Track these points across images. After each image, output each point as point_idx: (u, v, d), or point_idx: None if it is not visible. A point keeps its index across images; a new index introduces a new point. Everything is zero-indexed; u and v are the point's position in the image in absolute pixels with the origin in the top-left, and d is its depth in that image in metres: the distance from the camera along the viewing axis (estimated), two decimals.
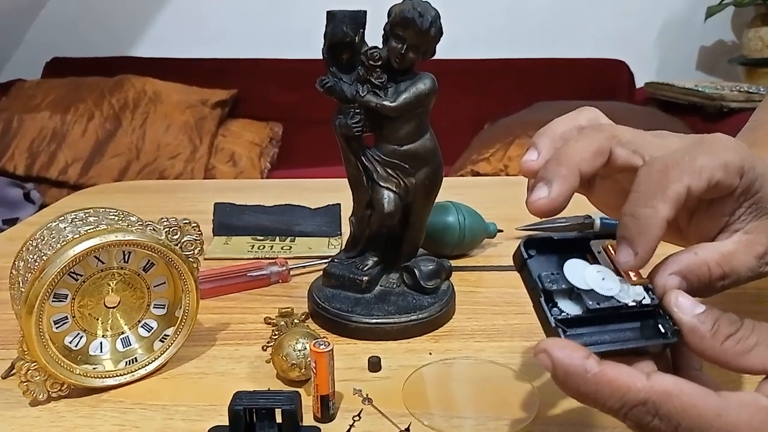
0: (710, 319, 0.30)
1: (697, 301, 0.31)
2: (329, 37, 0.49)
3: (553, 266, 0.33)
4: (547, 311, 0.32)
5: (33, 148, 2.00)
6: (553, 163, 0.34)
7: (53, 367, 0.43)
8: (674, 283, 0.33)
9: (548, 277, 0.32)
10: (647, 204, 0.32)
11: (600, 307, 0.32)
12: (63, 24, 2.55)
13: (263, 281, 0.62)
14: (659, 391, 0.28)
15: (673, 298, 0.32)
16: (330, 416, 0.42)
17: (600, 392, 0.29)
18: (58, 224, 0.46)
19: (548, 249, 0.34)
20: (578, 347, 0.29)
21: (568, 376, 0.29)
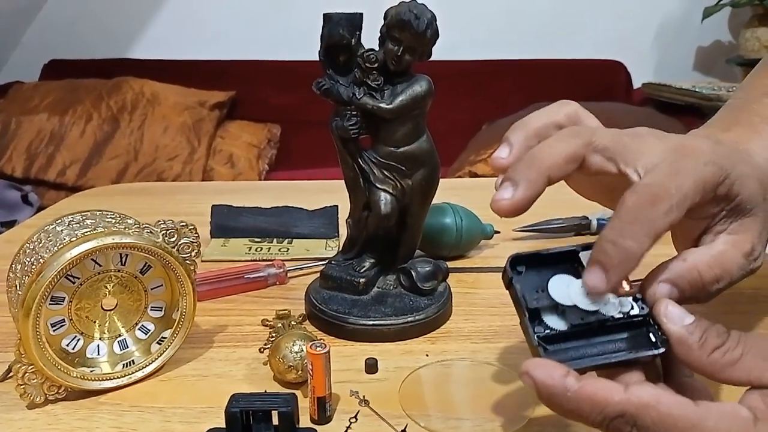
0: (699, 330, 0.31)
1: (686, 311, 0.32)
2: (326, 39, 0.49)
3: (542, 282, 0.33)
4: (530, 329, 0.32)
5: (31, 150, 2.00)
6: (522, 165, 0.35)
7: (50, 370, 0.43)
8: (665, 291, 0.34)
9: (533, 295, 0.33)
10: (632, 237, 0.32)
11: (583, 322, 0.32)
12: (61, 26, 2.55)
13: (260, 283, 0.62)
14: (636, 403, 0.29)
15: (662, 307, 0.32)
16: (327, 418, 0.42)
17: (581, 408, 0.29)
18: (55, 227, 0.46)
19: (537, 264, 0.34)
20: (557, 366, 0.30)
21: (550, 396, 0.30)
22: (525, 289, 0.33)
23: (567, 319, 0.32)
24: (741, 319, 0.55)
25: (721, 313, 0.57)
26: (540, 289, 0.33)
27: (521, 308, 0.33)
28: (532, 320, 0.32)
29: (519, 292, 0.33)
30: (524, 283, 0.33)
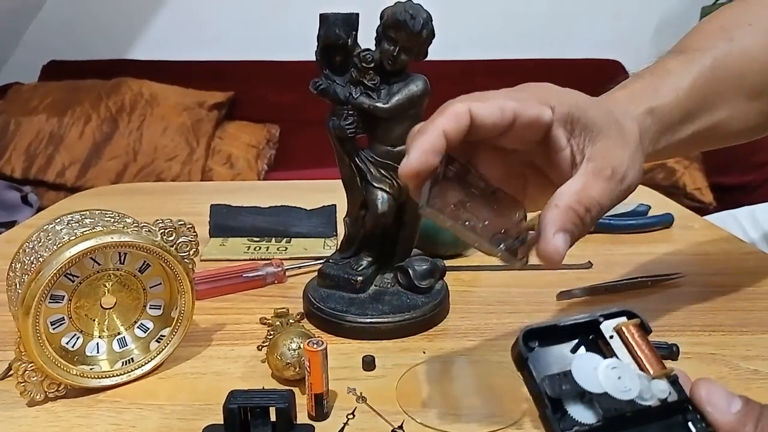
0: (751, 418, 0.27)
1: (729, 392, 0.28)
2: (322, 39, 0.50)
3: (560, 361, 0.29)
4: (554, 424, 0.27)
5: (30, 151, 2.00)
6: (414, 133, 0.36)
7: (50, 368, 0.44)
8: (561, 242, 0.34)
9: (554, 381, 0.28)
10: (432, 121, 0.35)
11: (617, 415, 0.28)
12: (60, 27, 2.55)
13: (259, 282, 0.62)
14: None
15: (704, 394, 0.28)
16: (324, 414, 0.42)
17: None
18: (54, 226, 0.46)
19: (553, 338, 0.30)
20: None
21: None
22: (542, 370, 0.28)
23: (595, 410, 0.28)
24: (738, 316, 0.56)
25: (716, 309, 0.57)
26: (560, 371, 0.28)
27: (541, 397, 0.28)
28: (554, 411, 0.27)
29: (537, 378, 0.28)
30: (540, 363, 0.29)
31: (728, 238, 0.76)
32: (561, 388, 0.28)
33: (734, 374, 0.47)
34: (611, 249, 0.71)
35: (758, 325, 0.54)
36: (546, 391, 0.28)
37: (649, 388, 0.28)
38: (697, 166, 1.93)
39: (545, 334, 0.30)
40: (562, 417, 0.27)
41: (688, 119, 0.45)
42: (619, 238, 0.75)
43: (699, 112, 0.46)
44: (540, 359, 0.29)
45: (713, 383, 0.28)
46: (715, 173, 1.94)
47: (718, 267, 0.67)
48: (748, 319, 0.55)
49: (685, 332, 0.53)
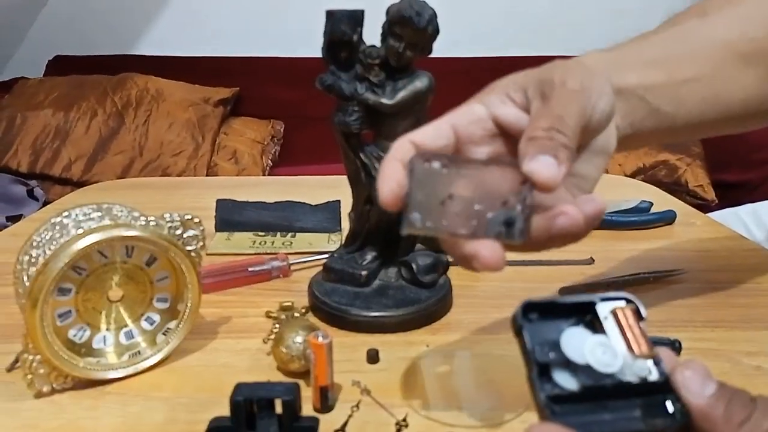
0: (722, 401, 0.28)
1: (708, 376, 0.29)
2: (328, 35, 0.50)
3: (554, 334, 0.31)
4: (538, 387, 0.29)
5: (36, 146, 2.01)
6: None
7: (57, 360, 0.44)
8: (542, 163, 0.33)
9: (544, 348, 0.30)
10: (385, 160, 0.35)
11: (596, 385, 0.29)
12: (65, 22, 2.55)
13: (264, 276, 0.62)
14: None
15: (680, 377, 0.29)
16: (329, 407, 0.42)
17: None
18: (62, 220, 0.47)
19: (551, 313, 0.31)
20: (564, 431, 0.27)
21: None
22: (535, 339, 0.30)
23: (579, 379, 0.29)
24: (738, 313, 0.56)
25: (716, 306, 0.58)
26: (552, 341, 0.30)
27: (530, 361, 0.30)
28: (541, 375, 0.29)
29: (529, 343, 0.30)
30: (535, 333, 0.30)
31: (730, 235, 0.76)
32: (548, 355, 0.30)
33: (737, 370, 0.47)
34: (613, 245, 0.72)
35: (761, 321, 0.55)
36: (534, 356, 0.30)
37: (631, 366, 0.30)
38: (699, 164, 1.93)
39: (545, 308, 0.31)
40: (546, 380, 0.29)
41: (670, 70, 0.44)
42: (621, 234, 0.75)
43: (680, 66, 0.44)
44: (536, 330, 0.31)
45: (693, 367, 0.29)
46: (717, 171, 1.94)
47: (720, 264, 0.68)
48: (750, 315, 0.56)
49: (687, 328, 0.53)
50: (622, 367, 0.30)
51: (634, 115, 0.42)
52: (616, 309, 0.31)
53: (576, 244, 0.37)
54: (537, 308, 0.31)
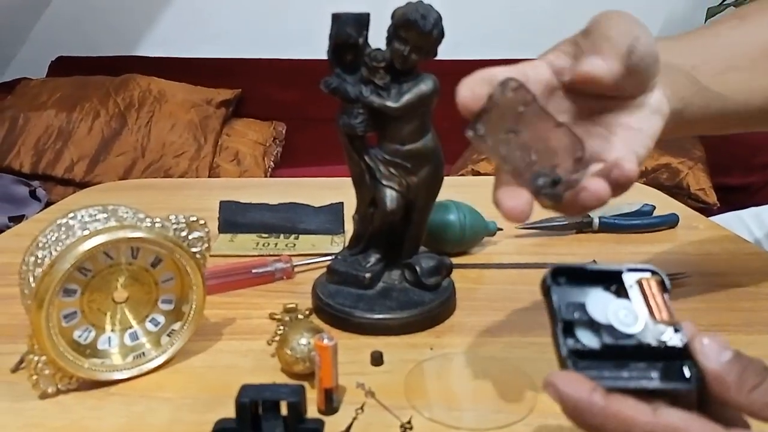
0: (736, 368, 0.29)
1: (725, 346, 0.30)
2: (334, 38, 0.50)
3: (580, 298, 0.32)
4: (561, 340, 0.31)
5: (39, 146, 2.01)
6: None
7: (62, 361, 0.44)
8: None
9: (569, 307, 0.32)
10: None
11: (617, 344, 0.31)
12: (68, 23, 2.56)
13: (268, 278, 0.63)
14: (664, 425, 0.28)
15: (698, 343, 0.30)
16: (333, 409, 0.43)
17: (606, 425, 0.28)
18: (67, 221, 0.47)
19: (578, 279, 0.33)
20: (584, 380, 0.29)
21: (575, 410, 0.29)
22: (562, 300, 0.32)
23: (601, 338, 0.31)
24: (742, 316, 0.56)
25: (722, 309, 0.58)
26: (577, 303, 0.32)
27: (555, 318, 0.32)
28: (565, 332, 0.31)
29: (555, 302, 0.32)
30: (562, 295, 0.32)
31: (733, 238, 0.77)
32: (573, 314, 0.31)
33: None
34: (616, 248, 0.72)
35: (763, 325, 0.55)
36: (560, 313, 0.31)
37: (651, 330, 0.31)
38: (701, 167, 1.93)
39: (573, 274, 0.33)
40: (569, 337, 0.31)
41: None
42: (624, 237, 0.75)
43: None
44: (563, 292, 0.33)
45: (712, 337, 0.30)
46: (718, 174, 1.94)
47: (722, 267, 0.68)
48: (752, 318, 0.56)
49: None
50: (643, 330, 0.31)
51: (683, 90, 0.43)
52: (642, 279, 0.33)
53: (579, 247, 0.37)
54: (565, 273, 0.33)
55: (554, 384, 0.29)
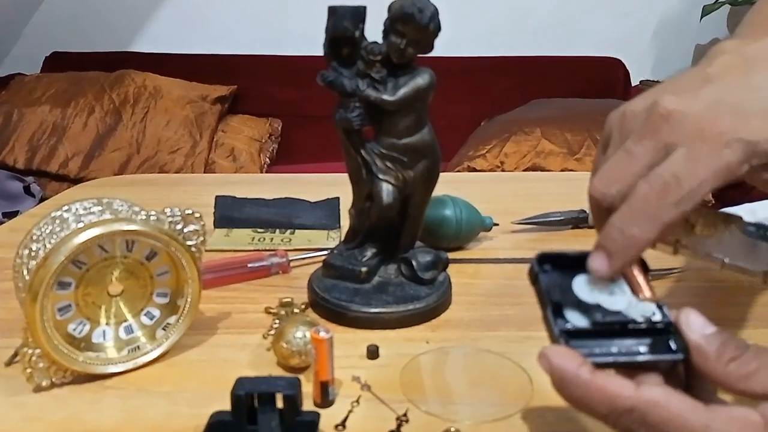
0: (717, 340, 0.30)
1: (708, 322, 0.32)
2: (330, 32, 0.50)
3: (566, 281, 0.34)
4: (552, 321, 0.32)
5: (33, 142, 2.01)
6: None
7: (57, 354, 0.44)
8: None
9: (557, 290, 0.33)
10: (638, 225, 0.33)
11: (606, 321, 0.32)
12: (63, 18, 2.55)
13: (263, 272, 0.62)
14: (646, 400, 0.29)
15: (684, 316, 0.32)
16: (329, 402, 0.43)
17: (590, 398, 0.30)
18: (62, 214, 0.47)
19: (563, 264, 0.35)
20: (575, 355, 0.30)
21: (562, 381, 0.30)
22: (549, 284, 0.34)
23: (589, 317, 0.33)
24: (739, 311, 0.56)
25: (718, 304, 0.58)
26: (564, 287, 0.34)
27: (545, 301, 0.33)
28: (555, 314, 0.33)
29: (544, 286, 0.34)
30: (549, 280, 0.34)
31: None
32: (561, 296, 0.33)
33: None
34: None
35: (759, 320, 0.55)
36: (549, 296, 0.33)
37: (636, 306, 0.33)
38: None
39: (557, 260, 0.35)
40: (559, 318, 0.33)
41: None
42: None
43: None
44: (550, 277, 0.34)
45: (698, 313, 0.32)
46: None
47: None
48: (750, 313, 0.56)
49: None
50: (629, 308, 0.33)
51: None
52: None
53: (575, 242, 0.37)
54: (550, 260, 0.35)
55: (547, 356, 0.31)
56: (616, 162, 0.35)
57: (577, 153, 1.87)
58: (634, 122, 0.36)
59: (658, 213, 0.32)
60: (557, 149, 1.88)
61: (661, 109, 0.34)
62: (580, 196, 0.47)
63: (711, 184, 0.33)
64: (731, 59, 0.37)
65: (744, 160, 0.33)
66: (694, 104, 0.34)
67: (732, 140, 0.32)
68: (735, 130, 0.33)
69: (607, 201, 0.35)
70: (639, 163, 0.34)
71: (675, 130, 0.34)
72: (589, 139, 1.89)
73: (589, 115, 1.97)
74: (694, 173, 0.32)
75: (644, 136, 0.34)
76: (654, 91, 0.37)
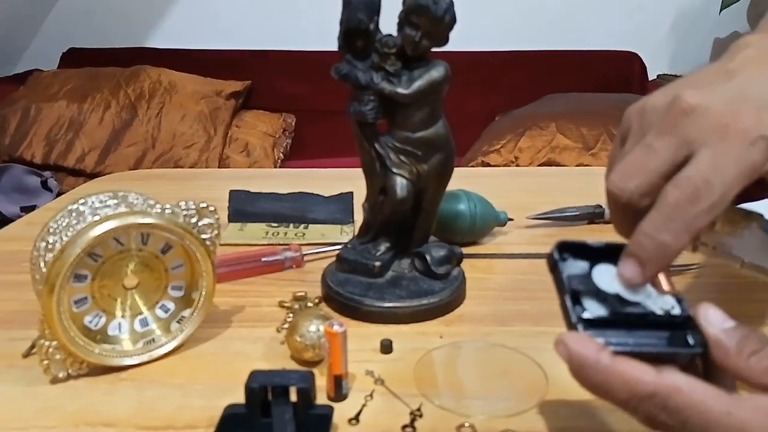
0: (737, 334, 0.30)
1: (727, 316, 0.31)
2: (344, 24, 0.50)
3: (586, 269, 0.34)
4: (570, 309, 0.32)
5: (50, 137, 2.03)
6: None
7: (73, 346, 0.44)
8: None
9: (576, 278, 0.33)
10: (669, 232, 0.32)
11: (624, 311, 0.32)
12: (79, 15, 2.57)
13: (277, 266, 0.63)
14: (668, 385, 0.28)
15: (702, 311, 0.31)
16: (343, 396, 0.43)
17: (610, 384, 0.29)
18: (78, 207, 0.47)
19: (582, 254, 0.34)
20: (593, 340, 0.30)
21: (581, 367, 0.30)
22: (569, 273, 0.33)
23: (608, 307, 0.32)
24: (757, 308, 0.56)
25: (737, 300, 0.57)
26: (584, 276, 0.34)
27: (563, 289, 0.33)
28: (573, 302, 0.32)
29: (563, 274, 0.33)
30: (569, 268, 0.34)
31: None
32: (580, 285, 0.33)
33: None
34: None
35: None
36: (568, 284, 0.33)
37: (656, 299, 0.33)
38: None
39: (577, 249, 0.35)
40: (577, 307, 0.32)
41: None
42: None
43: None
44: (569, 265, 0.34)
45: (716, 307, 0.31)
46: None
47: None
48: (767, 311, 0.55)
49: None
50: (648, 299, 0.33)
51: None
52: None
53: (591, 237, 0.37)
54: (570, 248, 0.34)
55: (564, 342, 0.30)
56: (635, 157, 0.34)
57: (592, 148, 1.86)
58: (654, 116, 0.35)
59: (691, 219, 0.32)
60: (572, 144, 1.86)
61: (682, 103, 0.33)
62: (595, 191, 0.46)
63: (739, 186, 0.32)
64: (754, 53, 0.36)
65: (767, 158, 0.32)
66: (716, 99, 0.33)
67: (757, 138, 0.32)
68: (759, 126, 0.32)
69: (625, 196, 0.34)
70: (659, 159, 0.33)
71: (697, 125, 0.33)
72: (605, 134, 1.87)
73: (605, 110, 1.95)
74: (722, 176, 0.32)
75: (665, 131, 0.33)
76: (674, 85, 0.36)
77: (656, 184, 0.33)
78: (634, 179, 0.34)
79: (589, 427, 0.40)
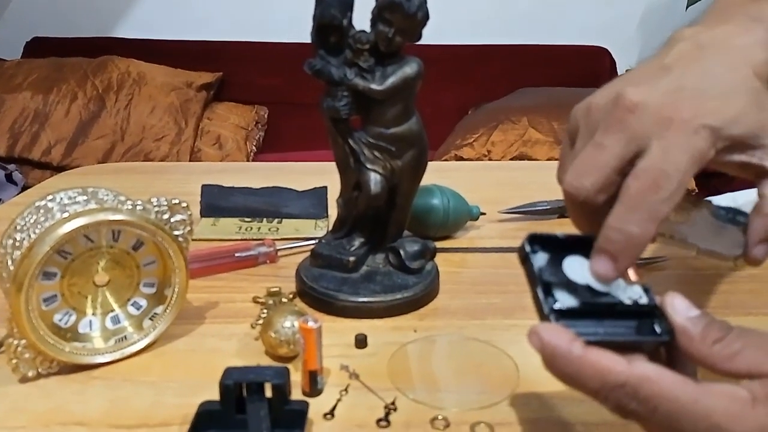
0: (701, 322, 0.31)
1: (692, 305, 0.32)
2: (317, 19, 0.50)
3: (556, 262, 0.34)
4: (542, 300, 0.33)
5: (14, 129, 1.97)
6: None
7: (43, 345, 0.44)
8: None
9: (547, 270, 0.34)
10: (636, 223, 0.33)
11: (594, 301, 0.33)
12: (44, 2, 2.50)
13: (251, 261, 0.62)
14: (638, 375, 0.29)
15: (669, 299, 0.32)
16: (318, 391, 0.43)
17: (582, 373, 0.30)
18: (46, 203, 0.46)
19: (553, 246, 0.35)
20: (566, 331, 0.31)
21: (554, 358, 0.30)
22: (540, 265, 0.34)
23: (578, 297, 0.33)
24: (720, 299, 0.57)
25: (701, 292, 0.59)
26: (554, 267, 0.34)
27: (535, 281, 0.34)
28: (545, 293, 0.33)
29: (535, 266, 0.34)
30: (539, 260, 0.34)
31: None
32: (551, 276, 0.34)
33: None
34: None
35: (740, 307, 0.56)
36: (540, 276, 0.33)
37: (624, 288, 0.34)
38: None
39: (548, 242, 0.35)
40: (549, 298, 0.33)
41: None
42: None
43: None
44: (540, 258, 0.35)
45: (682, 297, 0.33)
46: None
47: None
48: (730, 301, 0.57)
49: None
50: (617, 289, 0.34)
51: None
52: None
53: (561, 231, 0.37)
54: (541, 241, 0.35)
55: (538, 333, 0.31)
56: (587, 155, 0.35)
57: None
58: (600, 115, 0.36)
59: (654, 208, 0.33)
60: (544, 138, 1.89)
61: (625, 101, 0.35)
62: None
63: (691, 172, 0.34)
64: (686, 47, 0.38)
65: (711, 145, 0.34)
66: (655, 94, 0.35)
67: (698, 126, 0.34)
68: (698, 115, 0.34)
69: (582, 194, 0.35)
70: (610, 155, 0.34)
71: (642, 121, 0.34)
72: None
73: (575, 104, 1.97)
74: (676, 165, 0.33)
75: (613, 128, 0.35)
76: (616, 82, 0.37)
77: (610, 180, 0.34)
78: (588, 177, 0.35)
79: (559, 417, 0.41)
